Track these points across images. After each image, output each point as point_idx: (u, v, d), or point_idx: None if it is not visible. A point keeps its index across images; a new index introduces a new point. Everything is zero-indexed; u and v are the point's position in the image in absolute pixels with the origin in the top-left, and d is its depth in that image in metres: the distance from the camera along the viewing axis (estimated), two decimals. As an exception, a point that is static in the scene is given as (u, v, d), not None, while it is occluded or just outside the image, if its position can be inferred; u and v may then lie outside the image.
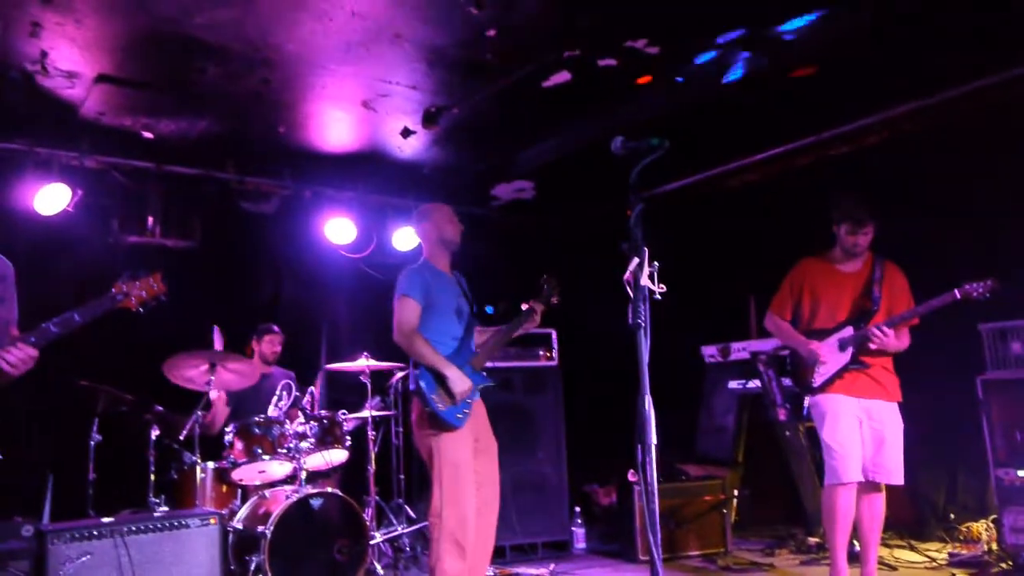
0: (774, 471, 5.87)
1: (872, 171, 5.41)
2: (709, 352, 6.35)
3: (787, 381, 4.99)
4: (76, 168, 5.25)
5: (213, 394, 5.06)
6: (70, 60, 4.23)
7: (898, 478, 3.94)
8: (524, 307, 4.02)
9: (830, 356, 4.04)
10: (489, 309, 4.53)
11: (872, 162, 5.43)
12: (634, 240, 2.15)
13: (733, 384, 6.09)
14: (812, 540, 5.22)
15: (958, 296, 3.82)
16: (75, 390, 4.66)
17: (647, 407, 2.10)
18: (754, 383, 5.71)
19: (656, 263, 2.13)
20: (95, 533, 3.77)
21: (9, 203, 5.05)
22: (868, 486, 4.01)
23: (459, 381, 3.73)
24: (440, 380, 3.73)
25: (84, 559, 3.69)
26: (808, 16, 4.17)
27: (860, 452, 3.95)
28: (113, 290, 2.69)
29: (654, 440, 2.07)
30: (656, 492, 2.00)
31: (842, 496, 3.92)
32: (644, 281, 2.07)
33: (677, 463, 6.22)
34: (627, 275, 2.10)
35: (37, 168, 5.08)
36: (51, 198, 5.08)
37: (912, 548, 4.96)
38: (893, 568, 4.60)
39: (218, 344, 5.16)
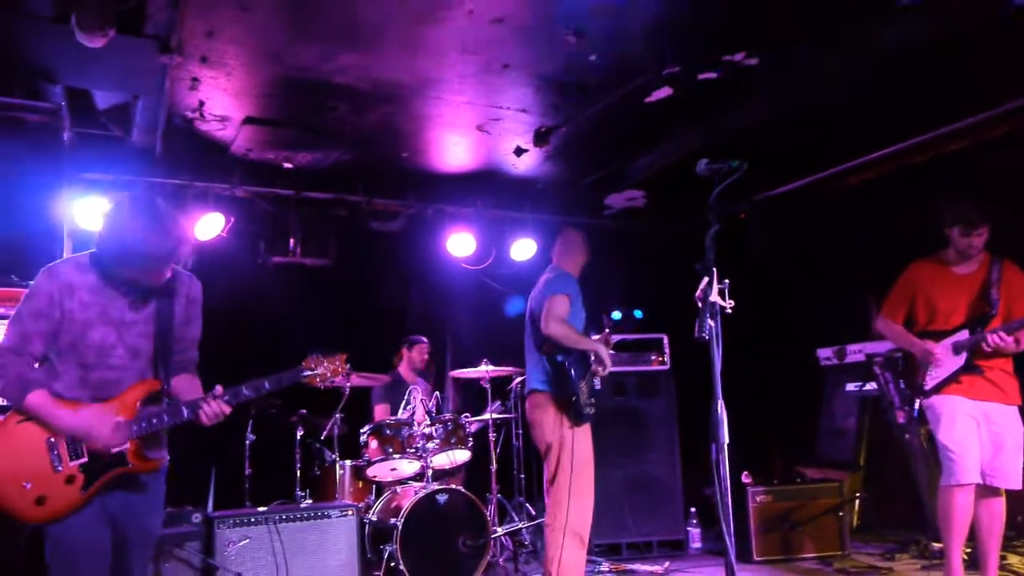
0: (898, 475, 5.76)
1: (991, 168, 5.25)
2: (825, 354, 6.31)
3: (904, 383, 4.93)
4: (228, 198, 5.85)
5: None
6: (222, 106, 4.83)
7: (1016, 482, 3.87)
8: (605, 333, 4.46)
9: (944, 359, 4.01)
10: (617, 316, 4.77)
11: (992, 158, 5.27)
12: (707, 260, 2.34)
13: (851, 386, 6.03)
14: (936, 546, 5.11)
15: None
16: (233, 395, 5.23)
17: (720, 410, 2.30)
18: (872, 385, 5.65)
19: (727, 281, 2.31)
20: (253, 520, 4.32)
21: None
22: (987, 490, 3.94)
23: (606, 353, 4.13)
24: (584, 371, 4.07)
25: (244, 542, 4.24)
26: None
27: (977, 454, 3.90)
28: (303, 364, 2.87)
29: (726, 440, 2.26)
30: (728, 489, 2.19)
31: (958, 497, 3.88)
32: (714, 298, 2.26)
33: (797, 466, 6.23)
34: (698, 293, 2.31)
35: (196, 199, 5.72)
36: (208, 225, 5.70)
37: (1045, 555, 4.80)
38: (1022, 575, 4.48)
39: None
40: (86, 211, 5.03)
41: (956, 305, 4.07)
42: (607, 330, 4.49)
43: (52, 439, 2.56)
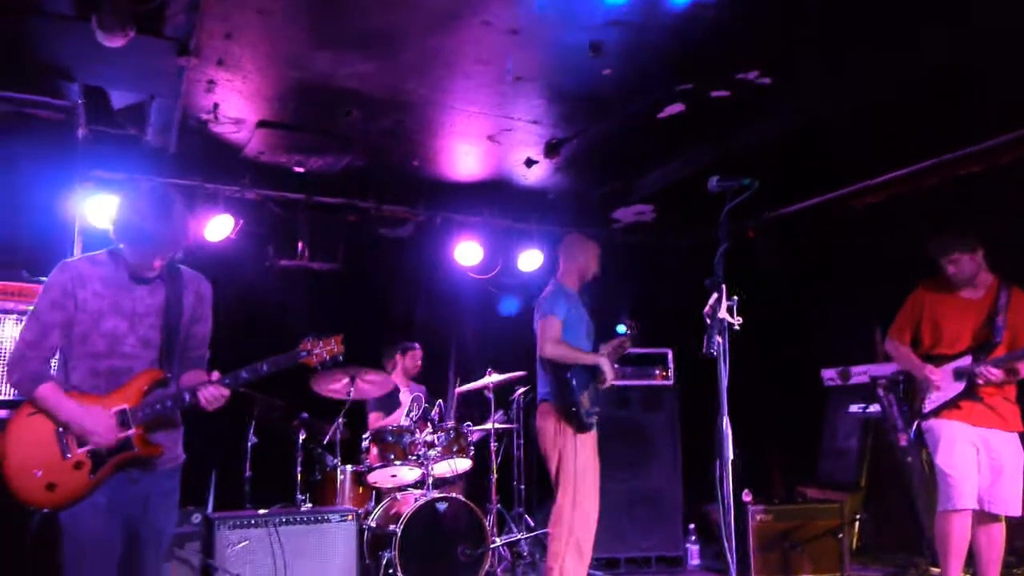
0: (899, 497, 5.75)
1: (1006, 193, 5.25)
2: (828, 375, 6.31)
3: (907, 406, 4.93)
4: (238, 200, 5.87)
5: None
6: (237, 109, 4.86)
7: (1016, 509, 3.87)
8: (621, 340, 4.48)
9: (944, 383, 4.02)
10: (622, 329, 4.79)
11: (1005, 183, 5.27)
12: (716, 277, 2.36)
13: (854, 408, 6.02)
14: (934, 570, 5.10)
15: None
16: (235, 397, 5.23)
17: (725, 426, 2.31)
18: (875, 407, 5.64)
19: (736, 297, 2.32)
20: (252, 522, 4.32)
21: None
22: (986, 516, 3.95)
23: (608, 367, 4.16)
24: (586, 382, 4.07)
25: (243, 544, 4.24)
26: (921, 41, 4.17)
27: (975, 479, 3.90)
28: (299, 347, 2.96)
29: (731, 456, 2.27)
30: (732, 506, 2.19)
31: (956, 523, 3.89)
32: (722, 314, 2.28)
33: (798, 485, 6.21)
34: (707, 309, 2.32)
35: (206, 201, 5.74)
36: (218, 227, 5.72)
37: (1046, 583, 4.78)
38: (1020, 602, 4.46)
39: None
40: (98, 209, 5.05)
41: (962, 330, 4.08)
42: (626, 335, 4.49)
43: (61, 429, 2.66)
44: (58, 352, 2.78)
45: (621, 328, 5.94)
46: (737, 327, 2.38)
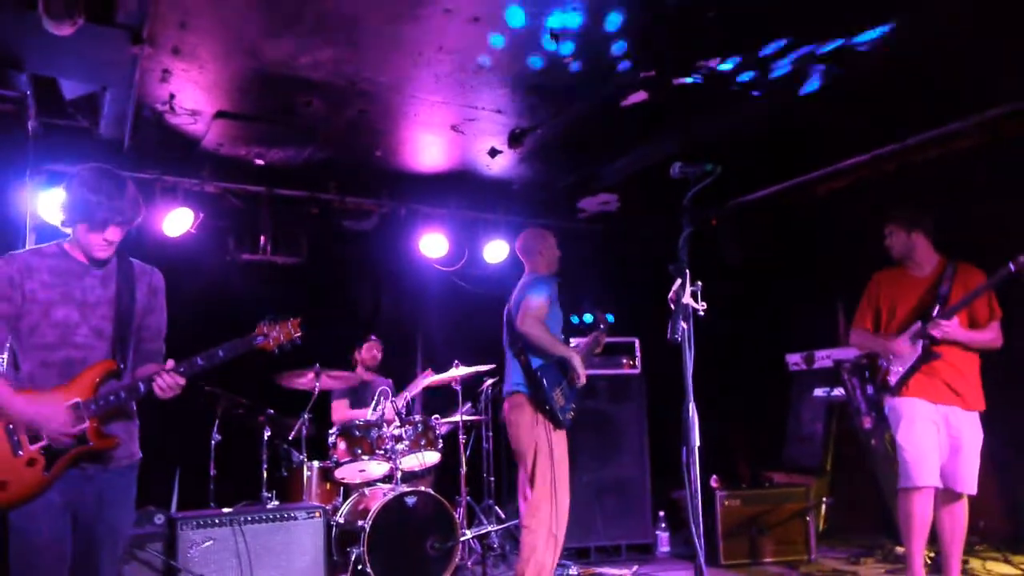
0: (864, 480, 5.84)
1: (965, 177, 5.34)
2: (793, 360, 6.38)
3: (871, 389, 5.01)
4: (197, 193, 5.77)
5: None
6: (193, 100, 4.74)
7: (971, 487, 3.94)
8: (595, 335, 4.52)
9: (903, 349, 4.10)
10: (610, 317, 4.79)
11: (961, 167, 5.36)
12: (680, 262, 2.35)
13: (819, 392, 6.10)
14: (899, 550, 5.18)
15: (1012, 269, 3.82)
16: (199, 394, 5.16)
17: (691, 413, 2.30)
18: (839, 391, 5.72)
19: (700, 283, 2.32)
20: (217, 521, 4.24)
21: (142, 226, 5.64)
22: (948, 495, 4.01)
23: (580, 364, 4.13)
24: (558, 378, 4.04)
25: (208, 544, 4.16)
26: (882, 28, 4.22)
27: (936, 457, 3.96)
28: (255, 331, 2.92)
29: (697, 442, 2.26)
30: (699, 491, 2.19)
31: (917, 501, 3.94)
32: (686, 300, 2.27)
33: (764, 471, 6.27)
34: (671, 295, 2.31)
35: (164, 194, 5.62)
36: (177, 221, 5.61)
37: (1007, 561, 4.87)
38: (983, 580, 4.55)
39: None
40: (51, 203, 4.91)
41: (912, 304, 4.20)
42: (600, 329, 4.49)
43: (11, 425, 2.57)
44: (6, 352, 2.68)
45: (588, 317, 5.93)
46: (701, 313, 2.37)
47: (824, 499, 5.93)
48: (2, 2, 3.69)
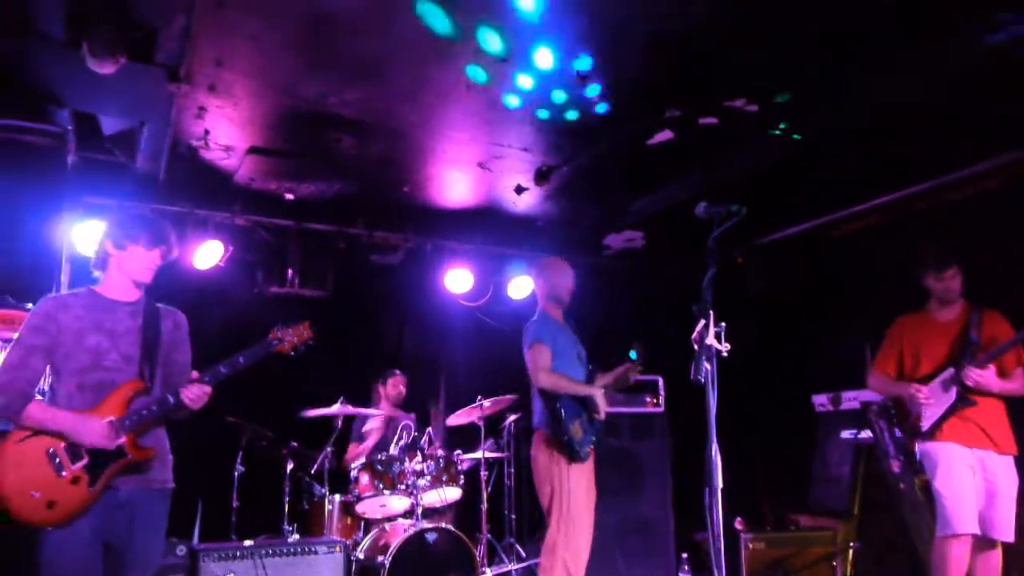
0: (893, 524, 5.70)
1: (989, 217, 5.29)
2: (820, 401, 6.29)
3: (899, 432, 4.92)
4: (228, 226, 5.84)
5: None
6: (227, 136, 4.86)
7: (1008, 534, 3.84)
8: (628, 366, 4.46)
9: (935, 396, 4.02)
10: (633, 354, 4.79)
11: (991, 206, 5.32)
12: (704, 303, 2.35)
13: (846, 434, 5.99)
14: (930, 599, 5.05)
15: None
16: (223, 425, 5.20)
17: (714, 454, 2.29)
18: (867, 433, 5.62)
19: (723, 324, 2.32)
20: (238, 554, 4.25)
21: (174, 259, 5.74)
22: (984, 542, 3.92)
23: (601, 399, 4.12)
24: (578, 411, 4.03)
25: (229, 576, 4.16)
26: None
27: (974, 503, 3.87)
28: (270, 336, 3.06)
29: (720, 484, 2.24)
30: (722, 534, 2.16)
31: (955, 548, 3.84)
32: (710, 341, 2.27)
33: (790, 513, 6.15)
34: (694, 335, 2.31)
35: (196, 227, 5.71)
36: (207, 254, 5.69)
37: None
38: (1017, 632, 4.41)
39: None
40: (87, 235, 5.02)
41: (940, 349, 4.14)
42: (633, 362, 4.47)
43: (52, 449, 2.71)
44: (45, 381, 2.85)
45: (632, 354, 5.92)
46: (725, 354, 2.37)
47: (851, 543, 5.79)
48: (46, 41, 3.82)
